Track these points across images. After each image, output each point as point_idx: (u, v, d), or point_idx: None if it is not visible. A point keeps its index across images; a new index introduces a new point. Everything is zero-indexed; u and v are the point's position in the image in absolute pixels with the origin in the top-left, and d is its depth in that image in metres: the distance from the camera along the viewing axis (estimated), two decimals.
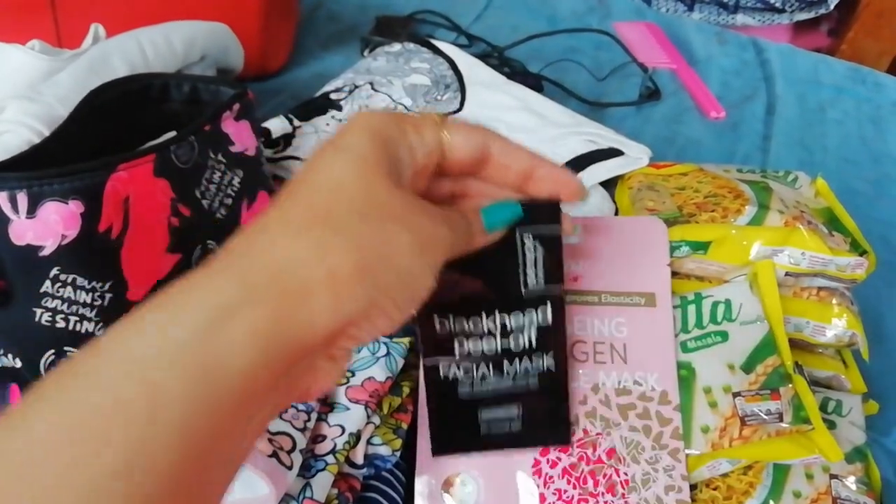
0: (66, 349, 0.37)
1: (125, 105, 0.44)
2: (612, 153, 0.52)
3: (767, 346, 0.41)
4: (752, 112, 0.76)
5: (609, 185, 0.51)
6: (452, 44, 0.64)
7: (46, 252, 0.35)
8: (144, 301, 0.39)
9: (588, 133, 0.54)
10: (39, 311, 0.36)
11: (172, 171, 0.39)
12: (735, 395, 0.40)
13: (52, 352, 0.36)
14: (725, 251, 0.44)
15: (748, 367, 0.41)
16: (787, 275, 0.44)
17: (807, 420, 0.39)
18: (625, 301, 0.42)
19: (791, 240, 0.43)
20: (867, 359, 0.45)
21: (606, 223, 0.46)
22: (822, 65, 0.85)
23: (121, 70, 0.48)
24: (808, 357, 0.45)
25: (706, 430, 0.39)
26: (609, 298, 0.43)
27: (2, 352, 0.37)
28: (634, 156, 0.53)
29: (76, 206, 0.35)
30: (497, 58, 0.74)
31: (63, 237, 0.35)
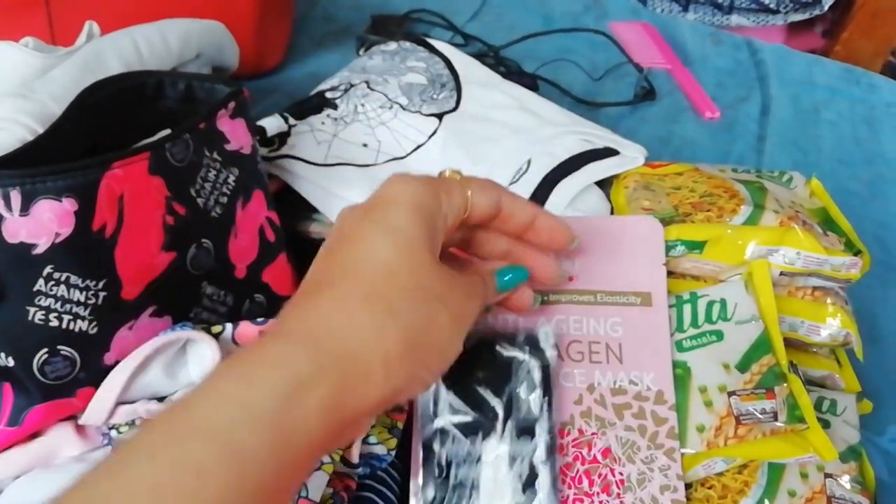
0: (60, 348, 0.36)
1: (120, 103, 0.43)
2: (608, 153, 0.52)
3: (762, 346, 0.41)
4: (747, 112, 0.77)
5: (605, 185, 0.51)
6: (448, 43, 0.64)
7: (40, 250, 0.35)
8: (139, 299, 0.39)
9: (583, 133, 0.54)
10: (33, 310, 0.35)
11: (167, 170, 0.39)
12: (730, 395, 0.40)
13: (46, 350, 0.36)
14: (721, 251, 0.44)
15: (743, 367, 0.41)
16: (782, 274, 0.44)
17: (801, 419, 0.39)
18: (620, 301, 0.42)
19: (786, 239, 0.43)
20: (861, 358, 0.45)
21: (602, 223, 0.46)
22: (817, 66, 0.85)
23: (115, 67, 0.48)
24: (803, 356, 0.45)
25: (701, 429, 0.39)
26: (605, 298, 0.43)
27: None
28: (630, 155, 0.53)
29: (70, 204, 0.35)
30: (493, 57, 0.74)
31: (57, 235, 0.35)
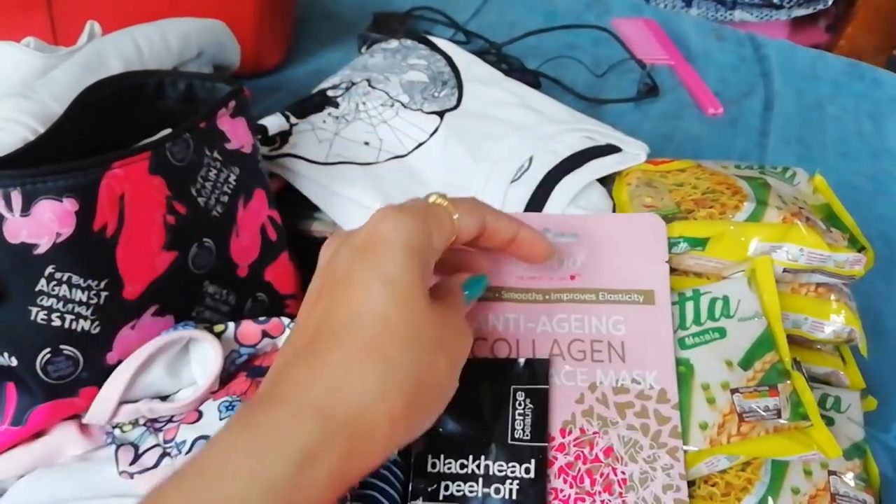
0: (63, 347, 0.37)
1: (120, 102, 0.43)
2: (610, 150, 0.52)
3: (765, 343, 0.41)
4: (750, 108, 0.76)
5: (607, 182, 0.51)
6: (450, 40, 0.64)
7: (41, 250, 0.35)
8: (140, 298, 0.39)
9: (586, 129, 0.54)
10: (35, 310, 0.35)
11: (168, 169, 0.39)
12: (733, 392, 0.40)
13: (48, 350, 0.36)
14: (723, 247, 0.44)
15: (746, 364, 0.40)
16: (786, 271, 0.44)
17: (805, 416, 0.39)
18: (623, 299, 0.42)
19: (789, 236, 0.43)
20: (866, 355, 0.45)
21: (604, 220, 0.46)
22: (820, 60, 0.85)
23: (116, 67, 0.48)
24: (807, 353, 0.45)
25: (704, 427, 0.39)
26: (607, 296, 0.42)
27: None
28: (632, 152, 0.52)
29: (71, 204, 0.35)
30: (495, 54, 0.74)
31: (58, 235, 0.35)
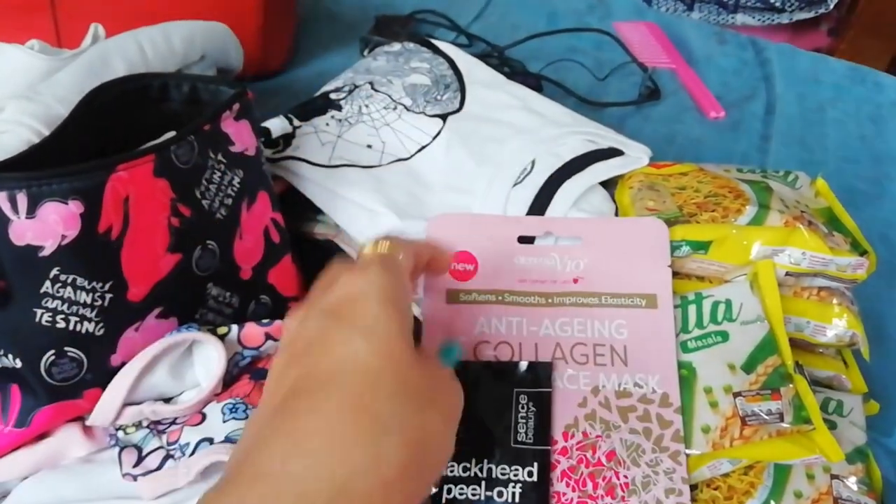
0: (67, 349, 0.37)
1: (124, 105, 0.43)
2: (612, 153, 0.52)
3: (768, 346, 0.41)
4: (752, 112, 0.76)
5: (609, 185, 0.51)
6: (452, 43, 0.64)
7: (46, 252, 0.35)
8: (145, 300, 0.39)
9: (588, 133, 0.54)
10: (39, 312, 0.36)
11: (172, 171, 0.39)
12: (736, 395, 0.40)
13: (53, 352, 0.36)
14: (726, 251, 0.44)
15: (749, 367, 0.41)
16: (788, 275, 0.44)
17: (807, 420, 0.39)
18: (625, 302, 0.42)
19: (791, 240, 0.43)
20: (868, 359, 0.45)
21: (606, 224, 0.46)
22: (822, 64, 0.85)
23: (120, 70, 0.48)
24: (809, 357, 0.45)
25: (707, 430, 0.39)
26: (609, 300, 0.42)
27: (2, 352, 0.37)
28: (634, 155, 0.52)
29: (76, 207, 0.35)
30: (497, 57, 0.74)
31: (63, 237, 0.35)
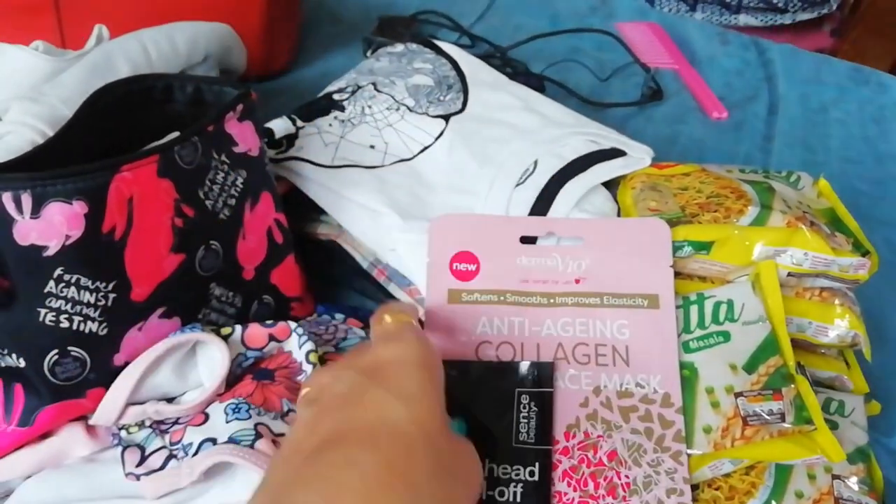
0: (70, 349, 0.37)
1: (128, 106, 0.44)
2: (615, 153, 0.52)
3: (770, 347, 0.41)
4: (755, 112, 0.76)
5: (611, 186, 0.51)
6: (455, 44, 0.64)
7: (50, 252, 0.35)
8: (148, 300, 0.39)
9: (590, 133, 0.54)
10: (43, 312, 0.36)
11: (176, 172, 0.39)
12: (737, 396, 0.40)
13: (56, 352, 0.37)
14: (728, 251, 0.44)
15: (750, 368, 0.41)
16: (790, 275, 0.44)
17: (809, 420, 0.39)
18: (627, 303, 0.42)
19: (793, 240, 0.43)
20: (870, 359, 0.45)
21: (608, 225, 0.46)
22: (825, 65, 0.85)
23: (124, 71, 0.48)
24: (811, 357, 0.45)
25: (708, 431, 0.39)
26: (611, 300, 0.43)
27: (6, 352, 0.37)
28: (637, 156, 0.52)
29: (80, 207, 0.35)
30: (499, 58, 0.74)
31: (67, 237, 0.35)
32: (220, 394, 0.40)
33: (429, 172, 0.52)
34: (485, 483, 0.34)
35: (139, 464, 0.37)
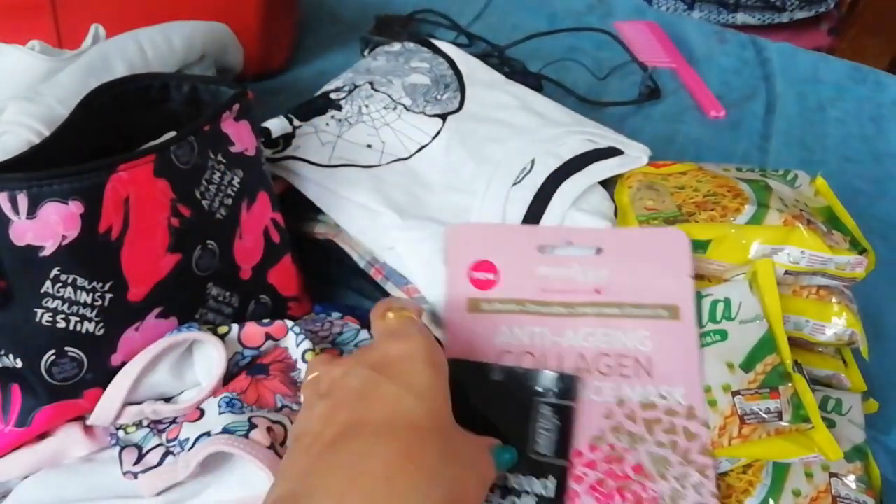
0: (67, 349, 0.37)
1: (124, 105, 0.44)
2: (612, 152, 0.52)
3: (767, 345, 0.41)
4: (752, 111, 0.76)
5: (608, 185, 0.51)
6: (452, 43, 0.64)
7: (47, 252, 0.35)
8: (145, 300, 0.39)
9: (587, 132, 0.54)
10: (40, 312, 0.36)
11: (172, 172, 0.39)
12: (734, 394, 0.40)
13: (53, 352, 0.37)
14: (725, 250, 0.44)
15: (747, 366, 0.41)
16: (787, 273, 0.44)
17: (806, 419, 0.39)
18: (648, 314, 0.42)
19: (790, 238, 0.43)
20: (867, 357, 0.45)
21: (628, 234, 0.45)
22: (823, 63, 0.85)
23: (120, 70, 0.48)
24: (808, 356, 0.45)
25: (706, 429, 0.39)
26: (632, 311, 0.42)
27: (3, 352, 0.37)
28: (634, 155, 0.52)
29: (76, 207, 0.35)
30: (497, 57, 0.74)
31: (63, 237, 0.35)
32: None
33: (426, 171, 0.52)
34: (495, 476, 0.34)
35: (136, 462, 0.37)
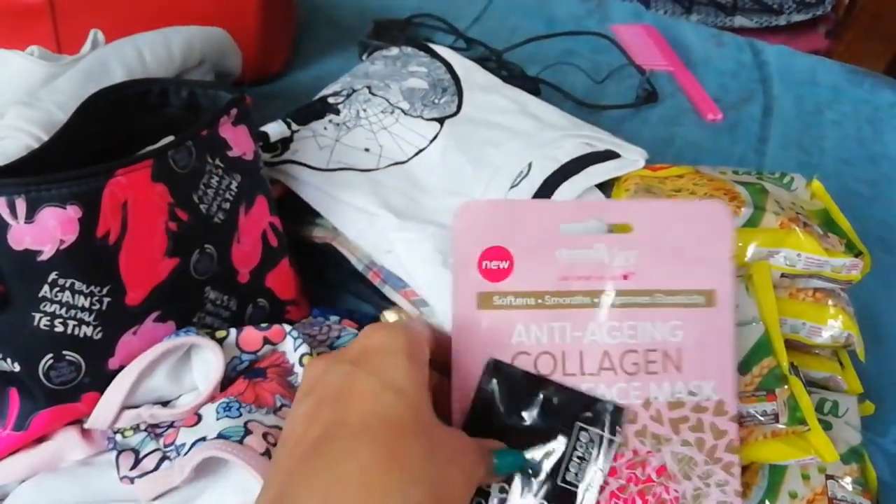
0: (65, 353, 0.37)
1: (123, 110, 0.44)
2: (609, 156, 0.52)
3: (763, 348, 0.41)
4: (750, 114, 0.77)
5: (605, 188, 0.52)
6: (450, 47, 0.64)
7: (45, 257, 0.35)
8: (143, 304, 0.39)
9: (585, 136, 0.54)
10: (38, 316, 0.36)
11: (170, 176, 0.39)
12: None
13: (51, 356, 0.37)
14: None
15: (744, 369, 0.41)
16: (783, 276, 0.44)
17: (803, 421, 0.39)
18: (681, 301, 0.38)
19: (787, 241, 0.43)
20: (863, 359, 0.45)
21: (662, 208, 0.39)
22: (820, 66, 0.85)
23: (119, 75, 0.48)
24: (804, 358, 0.45)
25: None
26: (663, 298, 0.38)
27: (0, 356, 0.37)
28: (631, 158, 0.53)
29: (74, 212, 0.35)
30: (495, 61, 0.74)
31: (61, 242, 0.35)
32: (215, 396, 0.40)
33: (423, 175, 0.52)
34: (485, 476, 0.33)
35: (133, 467, 0.37)
